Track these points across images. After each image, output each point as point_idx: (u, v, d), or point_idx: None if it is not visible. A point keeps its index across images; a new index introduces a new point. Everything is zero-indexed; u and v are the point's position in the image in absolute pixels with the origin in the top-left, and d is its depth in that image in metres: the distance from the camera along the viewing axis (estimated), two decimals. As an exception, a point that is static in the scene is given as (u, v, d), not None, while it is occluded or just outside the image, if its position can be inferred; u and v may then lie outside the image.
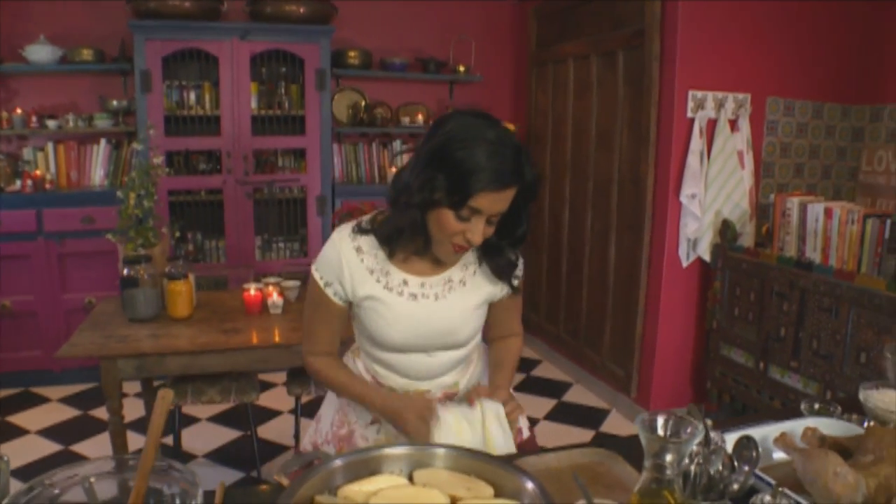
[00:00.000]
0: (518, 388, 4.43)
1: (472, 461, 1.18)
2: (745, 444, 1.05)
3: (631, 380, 3.95)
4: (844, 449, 1.28)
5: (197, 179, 4.35)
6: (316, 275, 1.54)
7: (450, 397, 1.65)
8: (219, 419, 3.82)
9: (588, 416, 4.05)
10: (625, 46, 3.87)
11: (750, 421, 1.48)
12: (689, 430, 0.93)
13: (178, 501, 1.03)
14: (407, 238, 1.49)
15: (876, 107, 3.80)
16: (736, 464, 1.03)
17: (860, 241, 2.92)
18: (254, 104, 4.37)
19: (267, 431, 3.66)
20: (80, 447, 3.45)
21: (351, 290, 1.53)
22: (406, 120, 4.99)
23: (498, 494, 1.13)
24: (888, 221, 2.81)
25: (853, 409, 1.64)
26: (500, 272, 1.60)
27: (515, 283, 1.65)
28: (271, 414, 3.89)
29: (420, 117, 5.02)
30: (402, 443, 1.38)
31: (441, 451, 1.20)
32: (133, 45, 4.00)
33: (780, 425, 1.42)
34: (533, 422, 3.94)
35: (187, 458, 3.39)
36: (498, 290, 1.64)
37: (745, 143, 3.60)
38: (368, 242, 1.53)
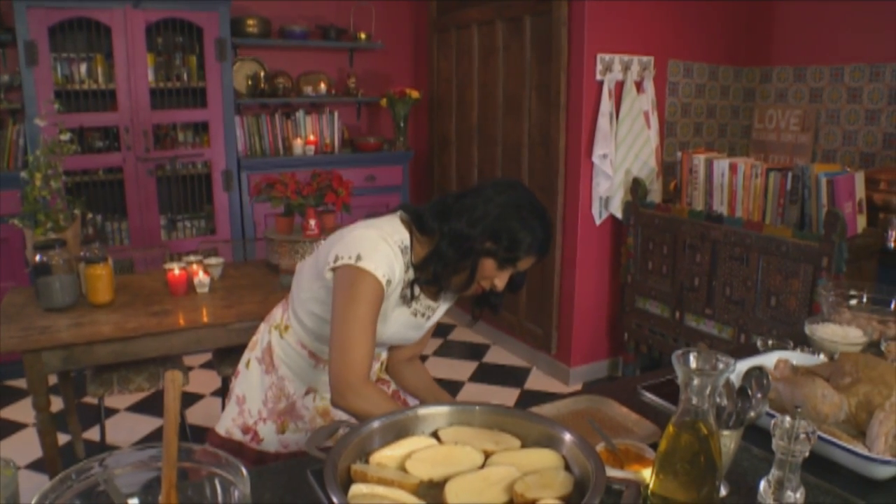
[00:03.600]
0: (436, 353, 4.49)
1: (497, 416, 1.20)
2: (757, 374, 1.13)
3: (550, 337, 4.08)
4: (816, 375, 1.40)
5: (94, 158, 4.07)
6: (377, 273, 1.47)
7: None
8: (139, 408, 3.65)
9: (510, 375, 4.17)
10: (531, 12, 3.93)
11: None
12: (721, 364, 0.99)
13: (217, 486, 0.98)
14: (453, 276, 1.57)
15: (765, 69, 4.08)
16: (750, 393, 1.11)
17: (764, 193, 3.14)
18: (151, 77, 4.12)
19: (192, 415, 3.54)
20: (-12, 450, 3.21)
21: (388, 294, 1.56)
22: (309, 89, 4.86)
23: (523, 445, 1.17)
24: (789, 174, 3.04)
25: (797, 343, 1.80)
26: (488, 305, 1.72)
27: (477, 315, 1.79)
28: (193, 398, 3.76)
29: (322, 86, 4.91)
30: (425, 404, 1.39)
31: (464, 408, 1.21)
32: (12, 13, 3.67)
33: (751, 360, 1.53)
34: (458, 384, 4.02)
35: (115, 451, 3.22)
36: (443, 311, 1.77)
37: (650, 103, 3.77)
38: (408, 260, 1.58)
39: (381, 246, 1.49)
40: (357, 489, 1.01)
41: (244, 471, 0.95)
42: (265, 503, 1.13)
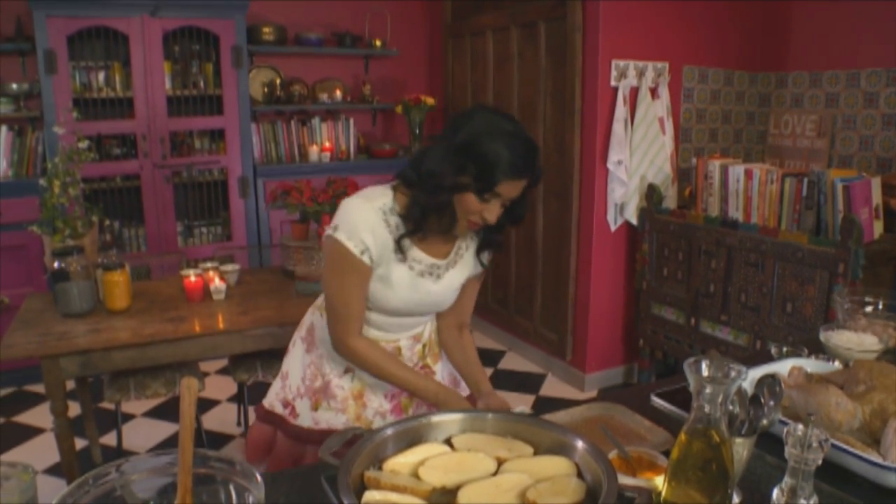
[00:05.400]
0: (453, 360, 4.48)
1: (509, 423, 1.21)
2: (770, 382, 1.12)
3: (565, 344, 4.07)
4: (830, 383, 1.39)
5: (111, 165, 4.12)
6: (349, 244, 1.56)
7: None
8: (155, 414, 3.68)
9: (526, 382, 4.16)
10: (546, 17, 3.93)
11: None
12: (733, 372, 0.99)
13: (232, 491, 0.99)
14: (434, 219, 1.59)
15: (780, 74, 4.06)
16: (763, 400, 1.10)
17: (779, 199, 3.13)
18: (168, 84, 4.17)
19: (208, 421, 3.56)
20: (9, 457, 3.24)
21: (378, 258, 1.60)
22: (324, 96, 4.90)
23: (536, 453, 1.17)
24: (805, 180, 3.03)
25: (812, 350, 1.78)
26: (489, 244, 1.75)
27: (486, 259, 1.78)
28: (210, 403, 3.79)
29: (338, 93, 4.94)
30: (438, 411, 1.39)
31: (477, 415, 1.22)
32: (31, 22, 3.73)
33: (765, 367, 1.53)
34: (473, 391, 4.01)
35: (132, 456, 3.25)
36: (473, 270, 1.78)
37: (664, 109, 3.76)
38: (396, 221, 1.61)
39: (355, 214, 1.57)
40: (370, 496, 1.02)
41: (258, 476, 0.96)
42: (279, 509, 1.14)
